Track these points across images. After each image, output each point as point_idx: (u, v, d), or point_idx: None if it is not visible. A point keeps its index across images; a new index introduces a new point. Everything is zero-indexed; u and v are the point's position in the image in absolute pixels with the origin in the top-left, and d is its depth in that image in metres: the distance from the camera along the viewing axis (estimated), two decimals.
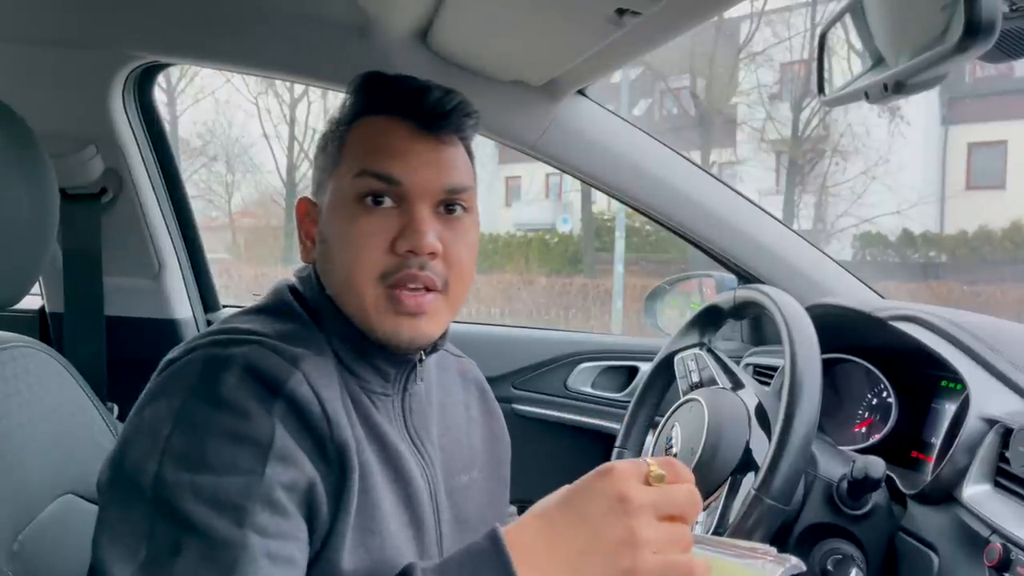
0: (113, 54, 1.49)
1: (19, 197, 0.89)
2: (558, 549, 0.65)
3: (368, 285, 0.79)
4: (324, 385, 0.76)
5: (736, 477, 1.01)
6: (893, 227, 12.67)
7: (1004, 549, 0.81)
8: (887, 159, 12.91)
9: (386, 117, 0.82)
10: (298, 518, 0.71)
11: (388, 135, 0.81)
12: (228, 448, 0.69)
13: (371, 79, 0.86)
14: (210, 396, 0.71)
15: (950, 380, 1.13)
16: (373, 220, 0.79)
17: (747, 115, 14.15)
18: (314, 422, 0.74)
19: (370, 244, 0.78)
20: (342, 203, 0.81)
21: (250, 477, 0.68)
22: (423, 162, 0.80)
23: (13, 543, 0.86)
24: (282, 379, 0.73)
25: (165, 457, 0.69)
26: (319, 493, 0.73)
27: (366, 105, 0.84)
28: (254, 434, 0.70)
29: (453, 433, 0.94)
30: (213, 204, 14.43)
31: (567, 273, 12.53)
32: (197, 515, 0.66)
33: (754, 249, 1.56)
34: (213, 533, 0.66)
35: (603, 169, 1.52)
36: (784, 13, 13.46)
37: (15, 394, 0.93)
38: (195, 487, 0.67)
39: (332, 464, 0.75)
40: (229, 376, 0.72)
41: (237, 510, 0.67)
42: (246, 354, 0.74)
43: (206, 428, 0.69)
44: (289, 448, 0.71)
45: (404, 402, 0.87)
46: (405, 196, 0.79)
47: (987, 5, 0.59)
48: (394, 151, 0.80)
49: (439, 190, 0.81)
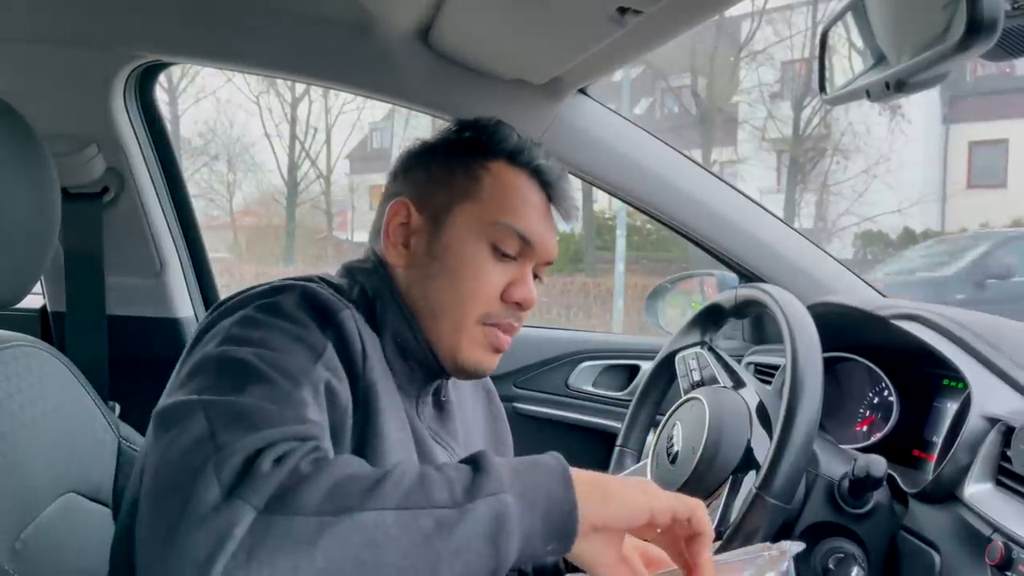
0: (115, 53, 1.49)
1: (21, 196, 0.89)
2: (604, 485, 0.69)
3: (471, 321, 0.88)
4: (367, 334, 0.82)
5: (737, 476, 1.01)
6: (894, 226, 12.68)
7: (1006, 548, 0.81)
8: (888, 158, 12.92)
9: (527, 178, 0.91)
10: (328, 421, 0.74)
11: (531, 198, 0.91)
12: (287, 342, 0.73)
13: (505, 127, 0.93)
14: (271, 307, 0.77)
15: (952, 379, 1.13)
16: (497, 267, 0.89)
17: (748, 114, 14.15)
18: (354, 356, 0.79)
19: (489, 286, 0.88)
20: (474, 242, 0.88)
21: (305, 365, 0.73)
22: (548, 232, 0.92)
23: (15, 542, 0.86)
24: (335, 310, 0.79)
25: (228, 341, 0.73)
26: (348, 420, 0.78)
27: (503, 152, 0.91)
28: (310, 341, 0.75)
29: (467, 433, 0.99)
30: (214, 203, 14.46)
31: (568, 272, 12.52)
32: (262, 369, 0.69)
33: (755, 248, 1.55)
34: (277, 386, 0.69)
35: (604, 168, 1.51)
36: (785, 11, 13.45)
37: (17, 393, 0.93)
38: (258, 354, 0.71)
39: (360, 403, 0.79)
40: (290, 297, 0.78)
41: (294, 379, 0.70)
42: (305, 285, 0.81)
43: (268, 326, 0.74)
44: (336, 365, 0.77)
45: (419, 407, 0.91)
46: (526, 255, 0.90)
47: (989, 4, 0.59)
48: (534, 216, 0.90)
49: (546, 259, 0.93)
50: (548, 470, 0.67)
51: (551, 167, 0.92)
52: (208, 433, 0.63)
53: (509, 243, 0.88)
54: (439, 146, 0.93)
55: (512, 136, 0.92)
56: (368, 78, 1.45)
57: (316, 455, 0.64)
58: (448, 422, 0.96)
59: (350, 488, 0.61)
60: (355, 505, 0.60)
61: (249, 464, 0.61)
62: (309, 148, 14.71)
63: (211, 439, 0.62)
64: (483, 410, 1.06)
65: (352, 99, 13.73)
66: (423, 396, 0.92)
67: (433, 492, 0.62)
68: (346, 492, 0.61)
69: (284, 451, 0.63)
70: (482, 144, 0.91)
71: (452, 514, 0.62)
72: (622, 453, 1.31)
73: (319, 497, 0.59)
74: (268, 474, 0.60)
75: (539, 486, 0.65)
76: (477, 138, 0.92)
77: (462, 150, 0.92)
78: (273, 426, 0.64)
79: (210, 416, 0.64)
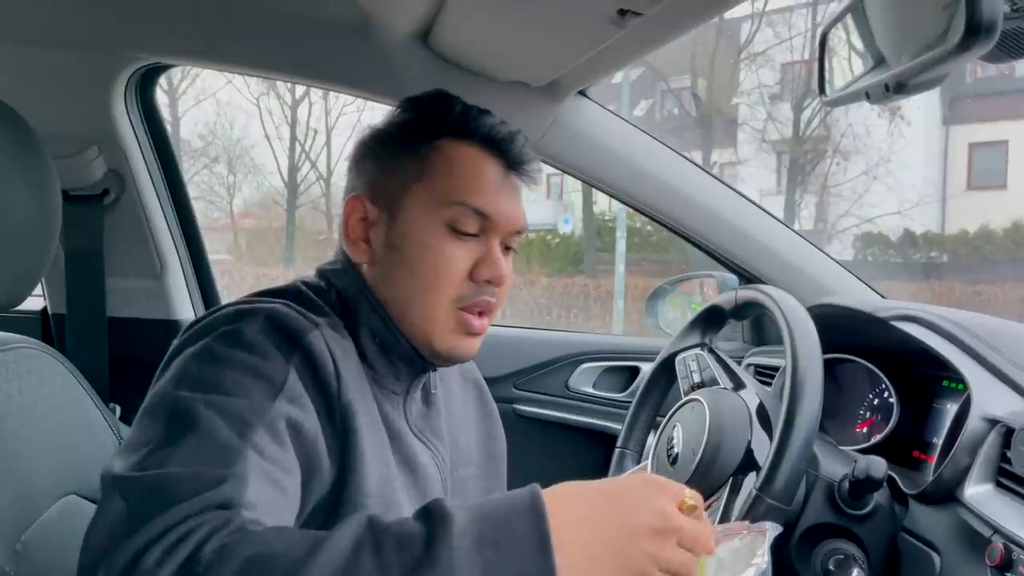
0: (115, 55, 1.49)
1: (21, 198, 0.89)
2: (589, 529, 0.61)
3: (442, 306, 0.85)
4: (340, 350, 0.80)
5: (737, 477, 1.01)
6: (894, 227, 12.67)
7: (1006, 549, 0.81)
8: (888, 159, 12.91)
9: (477, 149, 0.86)
10: (293, 456, 0.72)
11: (483, 171, 0.86)
12: (244, 379, 0.71)
13: (447, 99, 0.89)
14: (232, 337, 0.74)
15: (952, 380, 1.13)
16: (459, 248, 0.85)
17: (748, 115, 14.14)
18: (326, 378, 0.77)
19: (454, 269, 0.85)
20: (429, 225, 0.85)
21: (260, 403, 0.70)
22: (508, 202, 0.87)
23: (16, 543, 0.86)
24: (302, 332, 0.77)
25: (183, 381, 0.71)
26: (320, 448, 0.75)
27: (449, 127, 0.87)
28: (270, 373, 0.73)
29: (455, 429, 0.98)
30: (215, 205, 14.44)
31: (568, 273, 12.52)
32: (204, 419, 0.67)
33: (755, 249, 1.55)
34: (216, 436, 0.66)
35: (604, 169, 1.52)
36: (785, 13, 13.45)
37: (17, 395, 0.93)
38: (207, 400, 0.69)
39: (336, 424, 0.77)
40: (253, 323, 0.76)
41: (242, 424, 0.68)
42: (270, 308, 0.78)
43: (225, 361, 0.72)
44: (299, 393, 0.74)
45: (406, 404, 0.90)
46: (488, 230, 0.86)
47: (988, 5, 0.59)
48: (489, 188, 0.86)
49: (513, 230, 0.88)
50: (523, 535, 0.57)
51: (500, 131, 0.87)
52: (123, 515, 0.61)
53: (467, 221, 0.85)
54: (385, 133, 0.90)
55: (455, 107, 0.88)
56: (368, 80, 1.45)
57: (232, 528, 0.59)
58: (434, 418, 0.94)
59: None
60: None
61: (135, 562, 0.57)
62: (309, 150, 14.71)
63: (123, 523, 0.60)
64: (474, 408, 1.05)
65: (352, 101, 13.72)
66: (411, 393, 0.90)
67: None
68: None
69: (182, 533, 0.58)
70: (426, 123, 0.88)
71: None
72: (622, 455, 1.31)
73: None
74: (151, 571, 0.56)
75: (507, 564, 0.56)
76: (420, 117, 0.89)
77: (407, 133, 0.88)
78: (185, 499, 0.60)
79: (126, 495, 0.62)
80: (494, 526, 0.58)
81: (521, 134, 0.89)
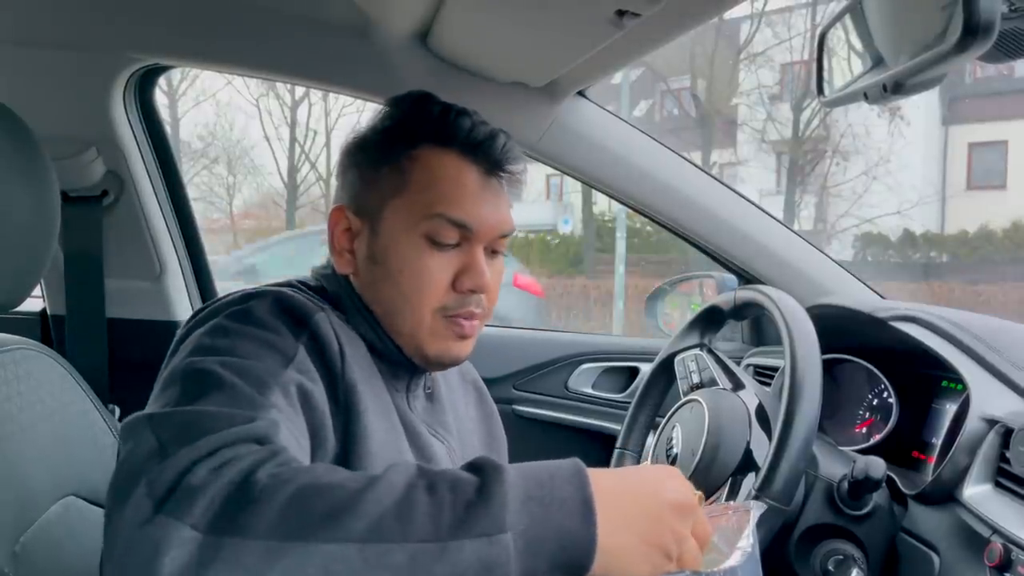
0: (114, 56, 1.49)
1: (20, 200, 0.89)
2: (624, 499, 0.62)
3: (427, 316, 0.85)
4: (345, 334, 0.81)
5: (737, 478, 1.01)
6: (894, 227, 12.68)
7: (1005, 549, 0.81)
8: (888, 159, 12.92)
9: (455, 156, 0.85)
10: (304, 424, 0.72)
11: (461, 179, 0.84)
12: (256, 349, 0.72)
13: (426, 103, 0.87)
14: (243, 314, 0.75)
15: (951, 380, 1.13)
16: (439, 259, 0.84)
17: (747, 116, 14.16)
18: (331, 357, 0.78)
19: (435, 281, 0.84)
20: (408, 237, 0.84)
21: (274, 368, 0.71)
22: (489, 208, 0.85)
23: (15, 545, 0.86)
24: (309, 314, 0.79)
25: (197, 352, 0.71)
26: (327, 422, 0.76)
27: (427, 134, 0.85)
28: (280, 346, 0.74)
29: (460, 426, 0.99)
30: (214, 206, 14.44)
31: (568, 274, 12.52)
32: (225, 377, 0.67)
33: (755, 250, 1.56)
34: (238, 391, 0.67)
35: (603, 170, 1.52)
36: (784, 14, 13.46)
37: (16, 396, 0.93)
38: (223, 362, 0.69)
39: (340, 403, 0.78)
40: (262, 303, 0.77)
41: (260, 383, 0.68)
42: (278, 291, 0.80)
43: (238, 334, 0.73)
44: (309, 367, 0.75)
45: (410, 400, 0.91)
46: (470, 239, 0.85)
47: (986, 6, 0.59)
48: (468, 198, 0.84)
49: (496, 236, 0.87)
50: (567, 497, 0.58)
51: (480, 133, 0.85)
52: (156, 448, 0.59)
53: (445, 233, 0.84)
54: (366, 142, 0.89)
55: (434, 110, 0.86)
56: (367, 81, 1.45)
57: (278, 460, 0.58)
58: (441, 414, 0.95)
59: (313, 507, 0.54)
60: (313, 532, 0.53)
61: (181, 477, 0.56)
62: (309, 151, 14.71)
63: (157, 454, 0.58)
64: (474, 408, 1.06)
65: (352, 102, 13.72)
66: (413, 389, 0.91)
67: (414, 521, 0.55)
68: (307, 512, 0.54)
69: (228, 458, 0.58)
70: (405, 130, 0.86)
71: (431, 551, 0.54)
72: (622, 455, 1.31)
73: (272, 518, 0.54)
74: (201, 487, 0.55)
75: (552, 519, 0.57)
76: (399, 124, 0.87)
77: (387, 143, 0.87)
78: (222, 430, 0.60)
79: (158, 430, 0.61)
80: (539, 485, 0.59)
81: (503, 134, 0.87)
